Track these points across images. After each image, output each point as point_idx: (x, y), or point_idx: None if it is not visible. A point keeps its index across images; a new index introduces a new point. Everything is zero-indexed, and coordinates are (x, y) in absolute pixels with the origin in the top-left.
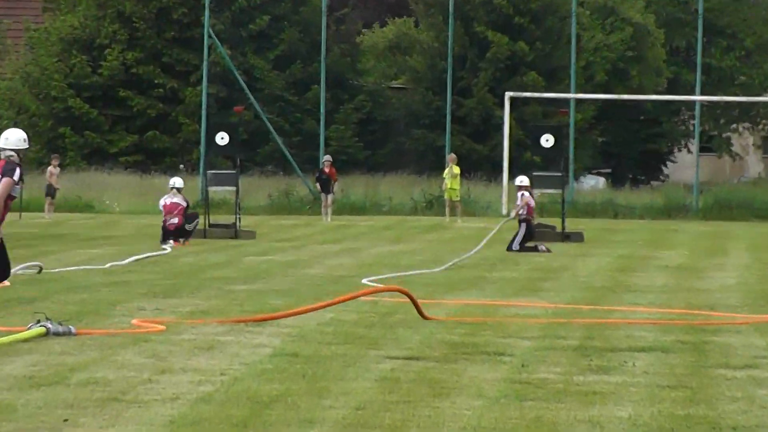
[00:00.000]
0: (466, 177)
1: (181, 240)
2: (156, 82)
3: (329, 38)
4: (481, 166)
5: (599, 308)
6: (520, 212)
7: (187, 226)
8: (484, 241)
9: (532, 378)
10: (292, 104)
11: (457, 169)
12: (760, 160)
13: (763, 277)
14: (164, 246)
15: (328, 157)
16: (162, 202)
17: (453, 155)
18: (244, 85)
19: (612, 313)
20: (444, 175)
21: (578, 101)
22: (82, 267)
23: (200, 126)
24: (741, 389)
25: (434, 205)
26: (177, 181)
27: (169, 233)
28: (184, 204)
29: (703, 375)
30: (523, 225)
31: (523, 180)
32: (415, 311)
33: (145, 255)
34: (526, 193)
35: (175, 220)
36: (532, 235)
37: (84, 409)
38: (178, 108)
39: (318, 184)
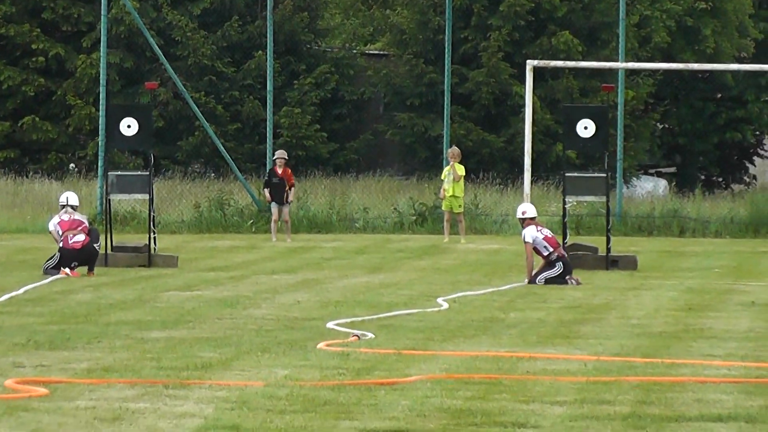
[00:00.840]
0: (473, 179)
1: (77, 268)
2: (34, 47)
3: None
4: (493, 163)
5: (659, 362)
6: (541, 272)
7: (96, 246)
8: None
9: None
10: (227, 78)
11: (461, 169)
12: None
13: None
14: (51, 276)
15: (281, 153)
16: (53, 221)
17: (455, 149)
18: (159, 52)
19: (677, 369)
20: (442, 177)
21: (630, 72)
22: None
23: (98, 109)
24: None
25: (428, 220)
26: (71, 197)
27: (71, 257)
28: (86, 221)
29: None
30: (559, 264)
31: (526, 211)
32: (402, 363)
33: (32, 285)
34: (529, 233)
35: (81, 237)
36: (569, 272)
37: None
38: (65, 84)
39: (267, 191)
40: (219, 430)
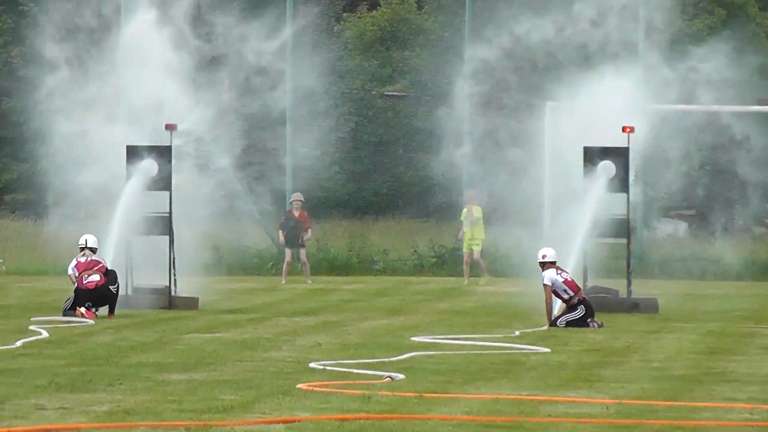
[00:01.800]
0: (494, 221)
1: (96, 309)
2: None
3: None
4: (512, 204)
5: (680, 405)
6: (562, 315)
7: (112, 288)
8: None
9: None
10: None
11: (477, 211)
12: None
13: None
14: (69, 317)
15: (297, 196)
16: (72, 264)
17: (472, 192)
18: None
19: (699, 412)
20: (462, 218)
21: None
22: None
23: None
24: None
25: (447, 262)
26: (89, 239)
27: (85, 297)
28: (104, 263)
29: None
30: (581, 307)
31: (546, 254)
32: (424, 406)
33: (51, 325)
34: (548, 276)
35: (96, 278)
36: (591, 315)
37: None
38: None
39: (281, 234)
40: None
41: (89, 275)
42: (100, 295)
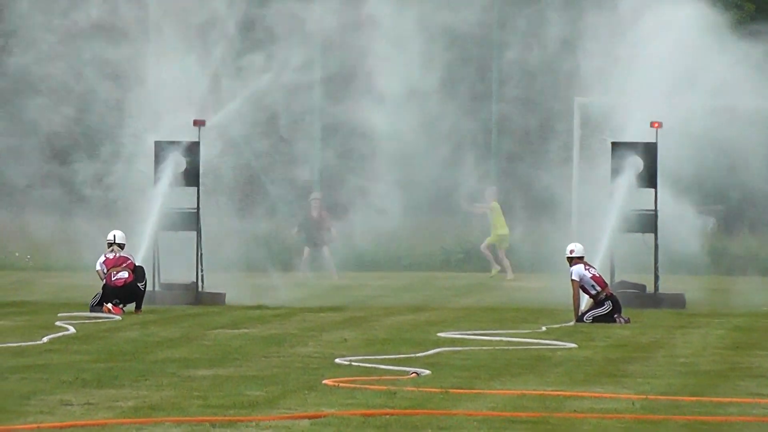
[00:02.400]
0: (521, 217)
1: (124, 306)
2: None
3: None
4: (542, 201)
5: (706, 400)
6: (589, 310)
7: (140, 285)
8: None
9: None
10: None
11: (495, 208)
12: None
13: None
14: (96, 312)
15: (316, 195)
16: (100, 260)
17: (490, 188)
18: None
19: (725, 408)
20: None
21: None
22: None
23: None
24: None
25: (474, 257)
26: (117, 235)
27: (113, 294)
28: (133, 259)
29: None
30: (608, 303)
31: (574, 249)
32: (449, 402)
33: (80, 320)
34: (576, 272)
35: (125, 275)
36: (618, 311)
37: None
38: None
39: (295, 231)
40: None
41: (118, 272)
42: (128, 291)
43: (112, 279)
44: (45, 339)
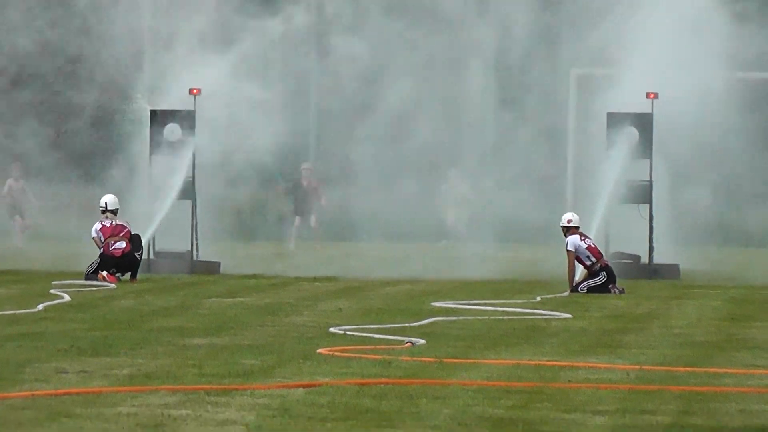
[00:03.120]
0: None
1: (121, 275)
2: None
3: None
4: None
5: (701, 371)
6: (584, 281)
7: (137, 255)
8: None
9: None
10: None
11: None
12: None
13: None
14: (91, 281)
15: (308, 164)
16: (95, 227)
17: None
18: None
19: (720, 378)
20: None
21: None
22: None
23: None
24: None
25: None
26: (109, 201)
27: (111, 263)
28: (129, 227)
29: None
30: (603, 273)
31: (571, 219)
32: (444, 371)
33: (75, 288)
34: (572, 242)
35: (122, 245)
36: (613, 281)
37: None
38: None
39: (292, 199)
40: None
41: (115, 242)
42: (126, 262)
43: (110, 249)
44: (40, 307)
